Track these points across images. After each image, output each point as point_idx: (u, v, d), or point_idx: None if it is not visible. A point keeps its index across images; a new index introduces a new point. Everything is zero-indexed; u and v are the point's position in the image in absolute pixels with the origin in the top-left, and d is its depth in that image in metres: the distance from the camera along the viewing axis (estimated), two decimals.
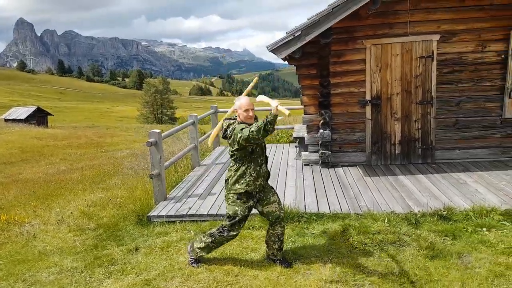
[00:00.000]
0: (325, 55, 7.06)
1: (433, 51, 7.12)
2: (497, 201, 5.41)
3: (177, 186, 7.05)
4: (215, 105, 10.24)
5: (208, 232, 4.27)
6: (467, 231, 4.62)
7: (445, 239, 4.50)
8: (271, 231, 4.14)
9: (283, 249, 4.24)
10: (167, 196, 6.44)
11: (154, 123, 64.98)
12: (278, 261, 4.15)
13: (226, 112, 10.47)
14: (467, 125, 7.39)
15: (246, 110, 3.85)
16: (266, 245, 4.25)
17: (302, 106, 7.82)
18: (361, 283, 3.71)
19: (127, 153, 16.52)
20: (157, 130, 6.20)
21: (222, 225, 4.10)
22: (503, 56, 7.02)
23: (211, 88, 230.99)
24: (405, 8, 7.00)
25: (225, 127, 4.02)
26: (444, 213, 5.06)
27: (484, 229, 4.64)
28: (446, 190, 6.03)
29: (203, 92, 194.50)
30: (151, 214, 5.71)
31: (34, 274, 4.41)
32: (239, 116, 3.92)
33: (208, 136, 9.71)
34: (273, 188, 4.21)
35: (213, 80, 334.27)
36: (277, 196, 4.16)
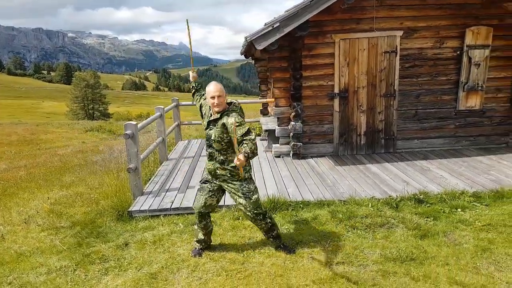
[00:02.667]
0: (299, 47, 7.21)
1: (396, 46, 7.54)
2: (462, 184, 5.90)
3: (151, 181, 6.87)
4: (177, 98, 10.04)
5: None
6: (444, 212, 5.01)
7: (427, 220, 4.84)
8: None
9: (279, 238, 4.30)
10: (144, 190, 6.27)
11: (86, 119, 62.00)
12: (280, 247, 4.24)
13: (186, 105, 10.32)
14: (425, 117, 7.93)
15: (212, 97, 3.79)
16: None
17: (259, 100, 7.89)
18: (365, 263, 3.91)
19: (71, 150, 15.75)
20: (134, 122, 6.00)
21: None
22: (458, 53, 7.61)
23: (146, 83, 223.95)
24: (371, 4, 7.33)
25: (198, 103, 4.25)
26: (421, 197, 5.43)
27: (459, 209, 5.06)
28: (415, 176, 6.45)
29: (138, 87, 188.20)
30: (133, 209, 5.54)
31: (19, 276, 4.13)
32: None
33: (172, 130, 9.54)
34: (242, 191, 3.94)
35: (147, 74, 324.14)
36: (246, 200, 3.93)
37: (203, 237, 4.27)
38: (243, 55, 10.55)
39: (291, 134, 7.67)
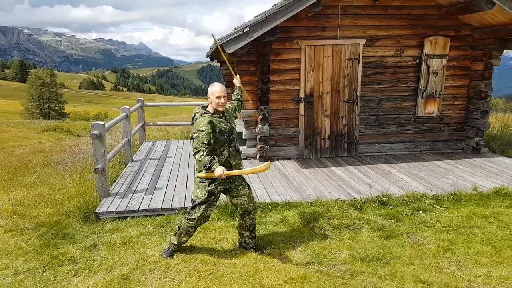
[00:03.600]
0: (267, 52, 7.33)
1: (359, 54, 7.81)
2: (423, 188, 6.20)
3: (116, 182, 6.76)
4: (142, 99, 9.92)
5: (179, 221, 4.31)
6: (407, 214, 5.25)
7: (391, 221, 5.06)
8: (241, 221, 4.27)
9: (256, 237, 4.40)
10: (110, 192, 6.17)
11: (41, 118, 59.73)
12: (252, 248, 4.32)
13: (153, 106, 10.20)
14: (386, 122, 8.26)
15: (218, 97, 3.90)
16: (238, 234, 4.39)
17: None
18: (334, 263, 4.04)
19: (29, 150, 15.16)
20: (101, 122, 5.90)
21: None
22: (417, 61, 7.98)
23: (104, 82, 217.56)
24: (336, 13, 7.59)
25: (193, 115, 4.09)
26: (384, 199, 5.67)
27: (420, 211, 5.33)
28: (377, 179, 6.71)
29: (95, 86, 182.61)
30: (100, 211, 5.44)
31: None
32: (211, 103, 3.97)
33: (137, 131, 9.41)
34: (245, 181, 4.27)
35: (106, 73, 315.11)
36: (249, 189, 4.23)
37: (186, 240, 4.30)
38: (208, 57, 10.59)
39: (258, 137, 7.78)
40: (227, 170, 3.79)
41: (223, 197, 5.59)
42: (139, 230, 4.98)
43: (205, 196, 4.01)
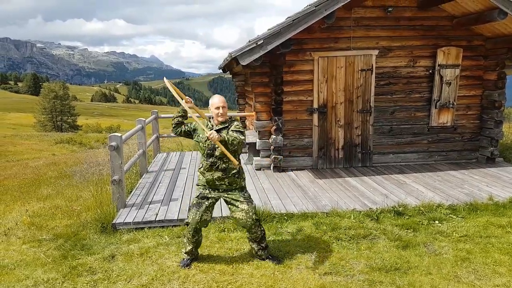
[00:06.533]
0: (280, 64, 7.41)
1: (372, 64, 7.85)
2: (438, 198, 6.17)
3: (132, 193, 6.84)
4: (156, 111, 10.06)
5: None
6: (423, 224, 5.23)
7: (407, 231, 5.04)
8: (247, 234, 4.34)
9: (268, 248, 4.41)
10: (126, 203, 6.24)
11: (53, 131, 60.54)
12: (267, 259, 4.33)
13: (168, 117, 10.35)
14: (400, 132, 8.25)
15: (217, 108, 4.03)
16: None
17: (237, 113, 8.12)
18: (352, 273, 4.04)
19: (43, 162, 15.42)
20: (118, 134, 6.01)
21: None
22: (430, 71, 8.00)
23: (116, 95, 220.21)
24: (348, 25, 7.65)
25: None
26: (400, 209, 5.65)
27: (437, 221, 5.30)
28: (392, 189, 6.69)
29: (107, 98, 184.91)
30: (117, 222, 5.50)
31: None
32: (212, 114, 4.12)
33: (151, 143, 9.52)
34: (243, 196, 4.18)
35: (117, 86, 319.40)
36: (248, 205, 4.14)
37: (192, 249, 4.33)
38: (221, 70, 10.72)
39: (272, 147, 7.83)
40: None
41: None
42: (156, 241, 5.03)
43: (197, 200, 4.20)
